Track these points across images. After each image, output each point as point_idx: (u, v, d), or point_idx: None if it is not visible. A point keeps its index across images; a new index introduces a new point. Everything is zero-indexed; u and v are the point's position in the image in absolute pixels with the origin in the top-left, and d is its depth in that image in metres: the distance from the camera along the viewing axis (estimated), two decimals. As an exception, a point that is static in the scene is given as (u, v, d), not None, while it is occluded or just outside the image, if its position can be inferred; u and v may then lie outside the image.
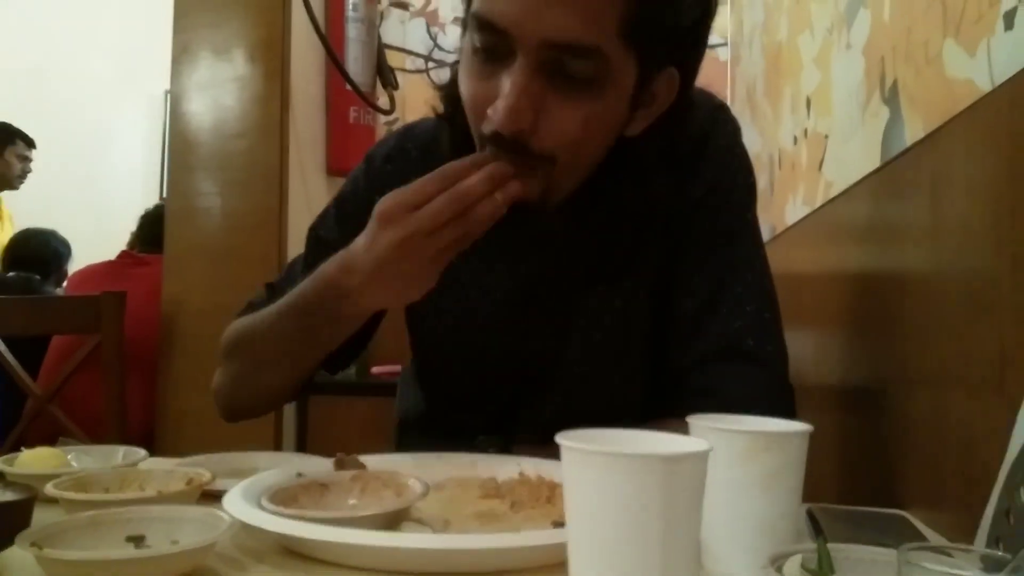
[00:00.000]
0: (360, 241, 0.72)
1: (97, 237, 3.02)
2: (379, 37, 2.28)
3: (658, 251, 0.84)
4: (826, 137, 1.25)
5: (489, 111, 0.67)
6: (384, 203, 0.69)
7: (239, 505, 0.57)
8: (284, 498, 0.62)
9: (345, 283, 0.73)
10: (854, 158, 1.09)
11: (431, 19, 2.45)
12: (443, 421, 0.97)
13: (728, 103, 2.34)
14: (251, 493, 0.62)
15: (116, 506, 0.56)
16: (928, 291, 0.78)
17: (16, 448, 1.88)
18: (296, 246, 2.03)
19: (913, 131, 0.87)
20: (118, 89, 3.54)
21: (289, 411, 2.05)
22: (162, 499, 0.61)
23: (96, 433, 1.80)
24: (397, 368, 2.18)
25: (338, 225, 0.91)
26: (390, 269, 0.69)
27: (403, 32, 2.45)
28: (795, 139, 1.46)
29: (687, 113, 0.78)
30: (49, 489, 0.53)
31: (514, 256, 0.87)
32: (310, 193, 2.18)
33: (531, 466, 0.75)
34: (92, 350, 1.80)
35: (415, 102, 2.44)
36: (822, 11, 1.27)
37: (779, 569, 0.49)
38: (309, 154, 2.18)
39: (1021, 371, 0.57)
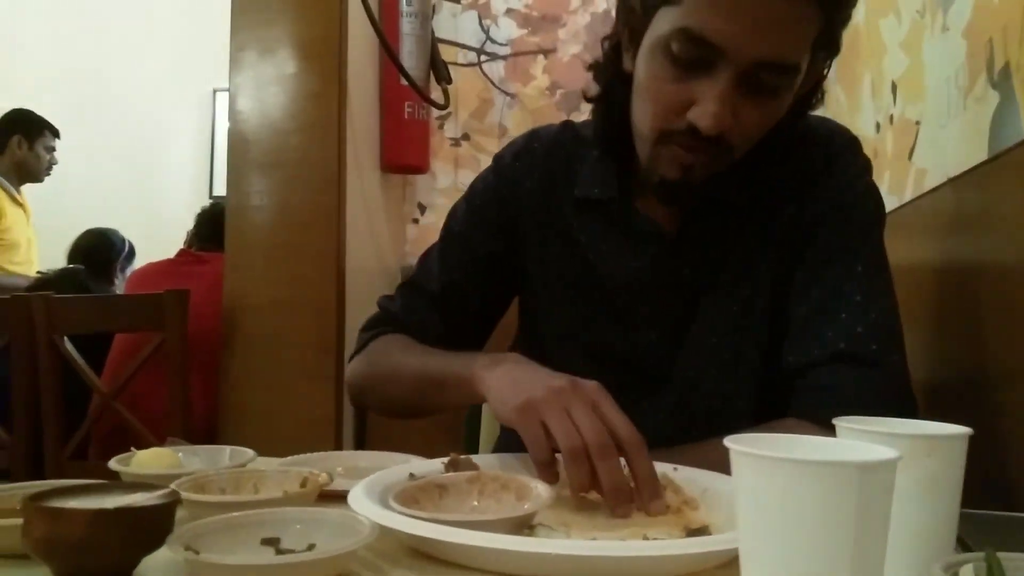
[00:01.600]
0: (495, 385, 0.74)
1: (148, 236, 3.05)
2: (432, 31, 2.27)
3: (778, 262, 0.85)
4: (917, 123, 1.20)
5: (691, 115, 0.72)
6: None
7: (369, 507, 0.56)
8: (405, 499, 0.61)
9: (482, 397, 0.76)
10: (954, 145, 1.05)
11: (483, 11, 2.43)
12: None
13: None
14: (373, 494, 0.61)
15: (248, 508, 0.55)
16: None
17: (83, 445, 1.92)
18: (354, 242, 2.05)
19: (1032, 116, 0.83)
20: (168, 89, 3.57)
21: (348, 406, 2.05)
22: (287, 500, 0.60)
23: (159, 430, 1.81)
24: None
25: (468, 217, 0.96)
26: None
27: (455, 25, 2.44)
28: (877, 126, 1.41)
29: (811, 101, 0.83)
30: (185, 493, 0.52)
31: (635, 251, 0.88)
32: (366, 190, 2.18)
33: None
34: (155, 348, 1.81)
35: (468, 96, 2.43)
36: (910, -7, 1.23)
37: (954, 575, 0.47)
38: (365, 150, 2.18)
39: None
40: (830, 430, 0.72)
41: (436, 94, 2.26)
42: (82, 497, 0.50)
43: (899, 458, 0.40)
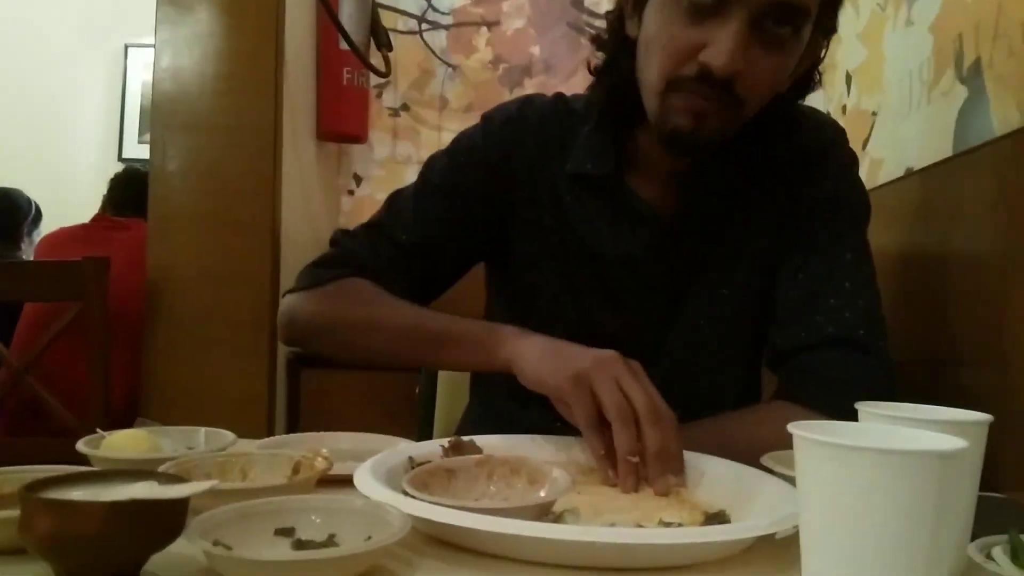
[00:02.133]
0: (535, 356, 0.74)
1: (53, 198, 2.84)
2: (373, -5, 2.18)
3: (770, 247, 0.86)
4: (874, 114, 1.24)
5: (704, 56, 0.72)
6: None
7: (390, 495, 0.53)
8: (416, 485, 0.58)
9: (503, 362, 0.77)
10: (916, 137, 1.08)
11: (425, -21, 2.36)
12: (526, 396, 0.93)
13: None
14: (380, 480, 0.58)
15: (258, 496, 0.51)
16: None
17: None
18: (288, 213, 1.96)
19: (1004, 112, 0.86)
20: (74, 43, 3.31)
21: (281, 384, 1.98)
22: (290, 488, 0.56)
23: (77, 406, 1.70)
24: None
25: (450, 173, 0.92)
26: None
27: (395, -9, 2.35)
28: (828, 114, 1.45)
29: (809, 82, 0.84)
30: (195, 485, 0.47)
31: (628, 230, 0.87)
32: (301, 157, 2.09)
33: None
34: (73, 319, 1.69)
35: (408, 65, 2.35)
36: (871, -14, 1.26)
37: (988, 556, 0.48)
38: (301, 116, 2.08)
39: None
40: (818, 413, 0.74)
41: (376, 61, 2.18)
42: (81, 487, 0.45)
43: (968, 447, 0.40)
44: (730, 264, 0.86)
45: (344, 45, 2.05)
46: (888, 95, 1.19)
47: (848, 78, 1.36)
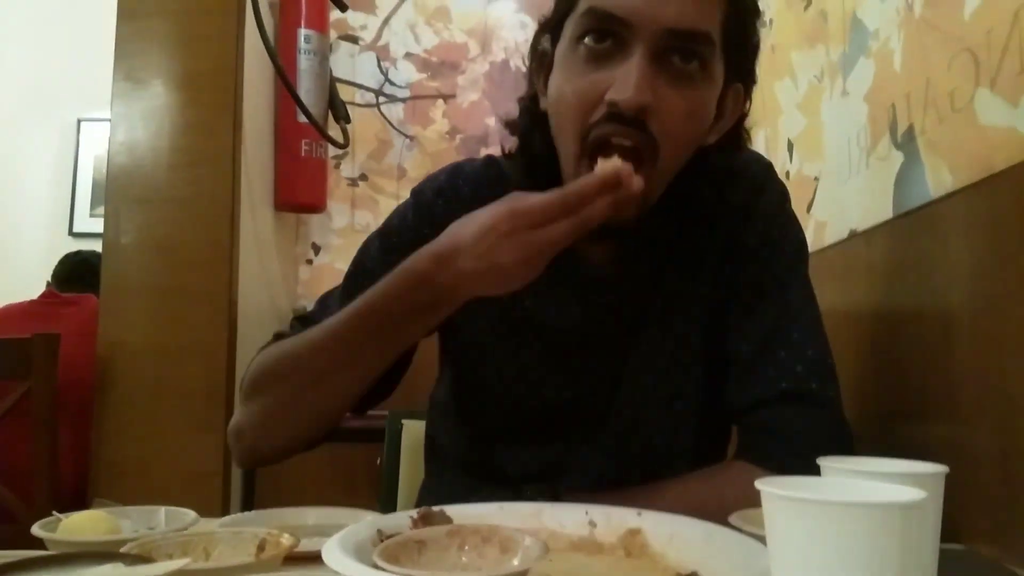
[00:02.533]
0: (463, 234, 0.69)
1: (2, 274, 2.79)
2: (330, 70, 2.23)
3: (711, 296, 0.85)
4: (816, 179, 1.30)
5: (610, 94, 0.69)
6: (500, 202, 0.69)
7: (363, 570, 0.52)
8: (387, 558, 0.57)
9: (441, 277, 0.71)
10: (856, 200, 1.13)
11: (382, 54, 2.42)
12: (485, 462, 0.93)
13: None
14: (348, 554, 0.57)
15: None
16: (971, 331, 0.81)
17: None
18: (245, 283, 1.95)
19: (938, 176, 0.91)
20: (24, 117, 3.29)
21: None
22: (257, 566, 0.55)
23: (23, 487, 1.63)
24: (348, 413, 2.10)
25: (383, 256, 0.88)
26: (496, 261, 0.68)
27: (352, 66, 2.41)
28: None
29: (739, 138, 0.83)
30: (166, 565, 0.46)
31: (570, 294, 0.86)
32: (259, 228, 2.09)
33: (600, 514, 0.73)
34: (20, 398, 1.64)
35: (366, 136, 2.39)
36: (807, 59, 1.33)
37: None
38: (258, 187, 2.09)
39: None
40: (776, 472, 0.75)
41: (334, 132, 2.21)
42: (43, 572, 0.43)
43: (930, 497, 0.42)
44: (672, 317, 0.86)
45: (303, 118, 2.08)
46: (828, 161, 1.25)
47: (790, 145, 1.42)
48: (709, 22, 0.72)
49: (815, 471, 0.54)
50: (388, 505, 1.27)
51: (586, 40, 0.72)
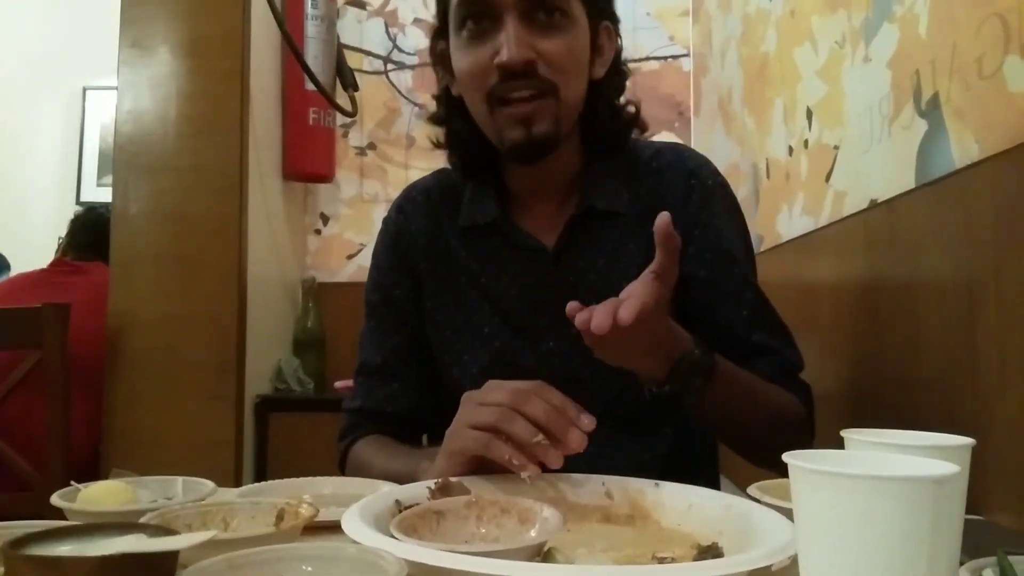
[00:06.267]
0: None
1: (9, 244, 2.78)
2: (337, 36, 2.20)
3: (643, 248, 0.90)
4: (835, 148, 1.27)
5: (497, 59, 0.83)
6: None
7: (383, 540, 0.52)
8: (405, 529, 0.57)
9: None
10: (878, 170, 1.11)
11: (390, 19, 2.38)
12: None
13: (691, 112, 2.38)
14: (367, 524, 0.57)
15: (247, 546, 0.49)
16: (996, 302, 0.80)
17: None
18: (255, 253, 1.94)
19: (963, 145, 0.89)
20: (30, 86, 3.26)
21: (248, 428, 1.94)
22: (278, 536, 0.55)
23: (37, 456, 1.65)
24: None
25: (378, 283, 1.02)
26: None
27: (360, 32, 2.37)
28: (790, 149, 1.49)
29: (622, 73, 0.98)
30: (191, 536, 0.46)
31: (522, 266, 0.95)
32: (268, 198, 2.08)
33: (616, 485, 0.73)
34: (32, 367, 1.64)
35: (374, 104, 2.37)
36: (828, 25, 1.30)
37: (980, 577, 0.48)
38: (266, 156, 2.07)
39: None
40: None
41: (342, 101, 2.19)
42: (65, 542, 0.43)
43: (961, 471, 0.41)
44: (622, 282, 0.87)
45: (310, 86, 2.06)
46: (849, 129, 1.22)
47: (809, 113, 1.39)
48: None
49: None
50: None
51: (467, 25, 0.86)
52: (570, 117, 0.90)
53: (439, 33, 0.94)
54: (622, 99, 0.99)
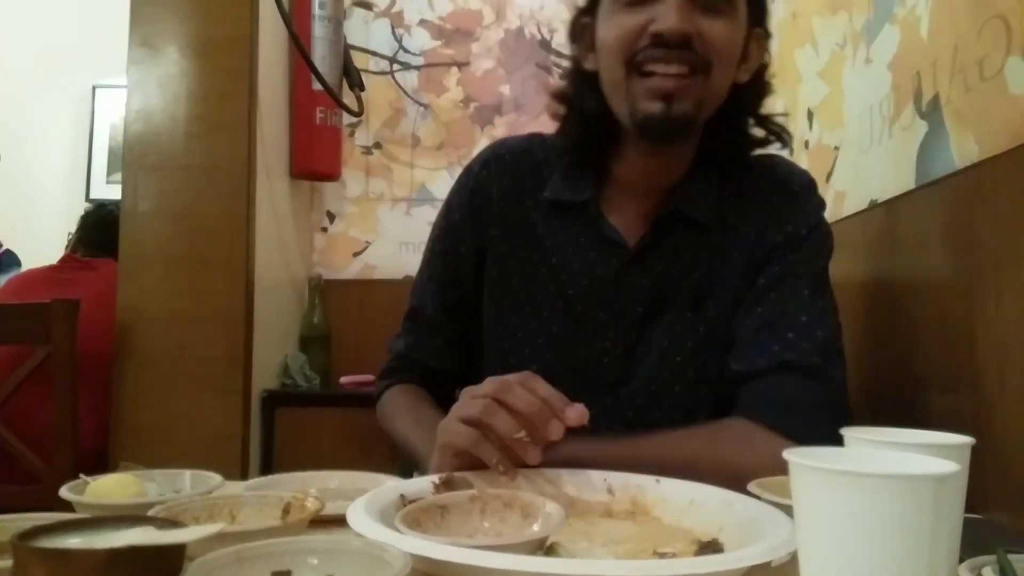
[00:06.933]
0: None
1: (18, 240, 2.80)
2: (344, 37, 2.21)
3: (738, 286, 0.88)
4: (836, 149, 1.28)
5: (653, 26, 0.79)
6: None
7: (388, 534, 0.53)
8: (409, 523, 0.58)
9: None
10: (878, 171, 1.12)
11: (396, 21, 2.40)
12: None
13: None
14: (373, 518, 0.58)
15: (253, 539, 0.50)
16: (995, 302, 0.81)
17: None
18: (262, 250, 1.96)
19: (963, 146, 0.90)
20: (40, 84, 3.28)
21: (255, 423, 1.95)
22: (285, 529, 0.56)
23: (43, 451, 1.66)
24: (366, 378, 2.12)
25: (447, 234, 0.98)
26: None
27: (367, 32, 2.38)
28: (791, 150, 1.49)
29: (766, 82, 0.91)
30: (199, 529, 0.47)
31: (599, 257, 0.90)
32: (275, 196, 2.09)
33: (618, 480, 0.74)
34: (40, 362, 1.66)
35: (380, 104, 2.38)
36: (829, 27, 1.31)
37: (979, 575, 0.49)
38: (274, 155, 2.09)
39: None
40: (774, 433, 0.76)
41: (349, 100, 2.20)
42: (74, 534, 0.44)
43: (961, 470, 0.42)
44: (703, 299, 0.89)
45: (317, 85, 2.07)
46: (849, 130, 1.23)
47: (810, 115, 1.40)
48: None
49: (809, 437, 0.54)
50: (406, 469, 1.29)
51: None
52: (710, 106, 0.85)
53: (585, 10, 0.89)
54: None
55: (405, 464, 1.30)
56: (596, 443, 0.76)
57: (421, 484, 0.69)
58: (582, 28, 0.89)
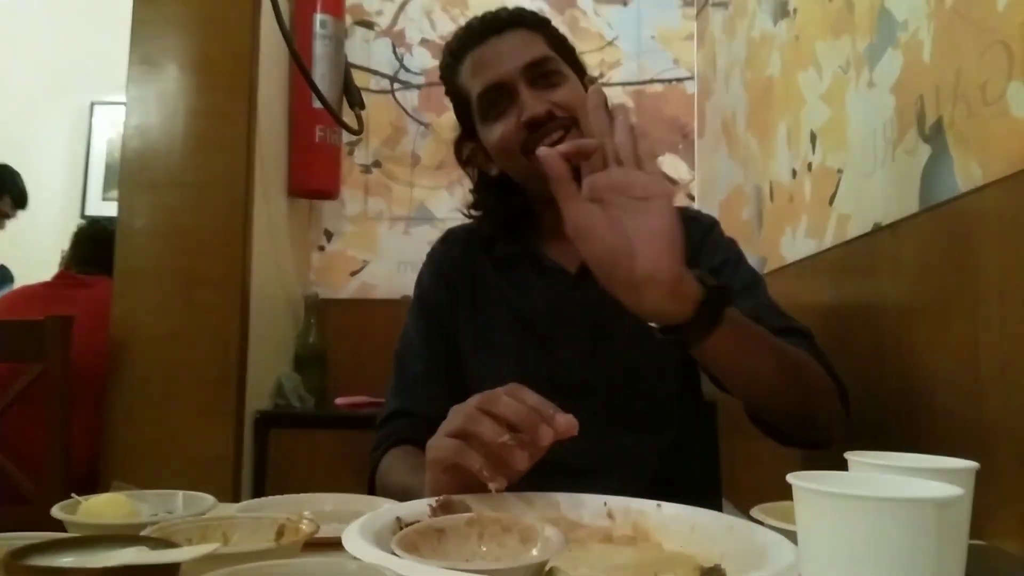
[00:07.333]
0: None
1: (13, 256, 2.79)
2: (345, 56, 2.22)
3: None
4: (839, 171, 1.28)
5: (523, 118, 0.99)
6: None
7: (384, 557, 0.51)
8: (406, 546, 0.56)
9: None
10: (881, 193, 1.12)
11: (397, 40, 2.41)
12: None
13: (695, 134, 2.40)
14: (368, 541, 0.56)
15: (246, 561, 0.49)
16: (1000, 327, 0.80)
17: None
18: (259, 269, 1.95)
19: (966, 169, 0.90)
20: (37, 101, 3.29)
21: (248, 444, 1.93)
22: (279, 551, 0.55)
23: (36, 469, 1.64)
24: (362, 399, 2.10)
25: (420, 301, 1.14)
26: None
27: (368, 51, 2.39)
28: (794, 172, 1.49)
29: None
30: (193, 549, 0.46)
31: (546, 286, 1.07)
32: (272, 214, 2.09)
33: (618, 505, 0.72)
34: (33, 380, 1.64)
35: (380, 123, 2.38)
36: (832, 50, 1.31)
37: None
38: (272, 174, 2.09)
39: None
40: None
41: (348, 119, 2.20)
42: (66, 553, 0.43)
43: (963, 494, 0.41)
44: None
45: (317, 104, 2.07)
46: (852, 153, 1.23)
47: (813, 137, 1.40)
48: (540, 50, 1.04)
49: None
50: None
51: (491, 111, 1.03)
52: None
53: (464, 137, 1.11)
54: None
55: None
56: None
57: (418, 507, 0.67)
58: (472, 152, 1.11)
